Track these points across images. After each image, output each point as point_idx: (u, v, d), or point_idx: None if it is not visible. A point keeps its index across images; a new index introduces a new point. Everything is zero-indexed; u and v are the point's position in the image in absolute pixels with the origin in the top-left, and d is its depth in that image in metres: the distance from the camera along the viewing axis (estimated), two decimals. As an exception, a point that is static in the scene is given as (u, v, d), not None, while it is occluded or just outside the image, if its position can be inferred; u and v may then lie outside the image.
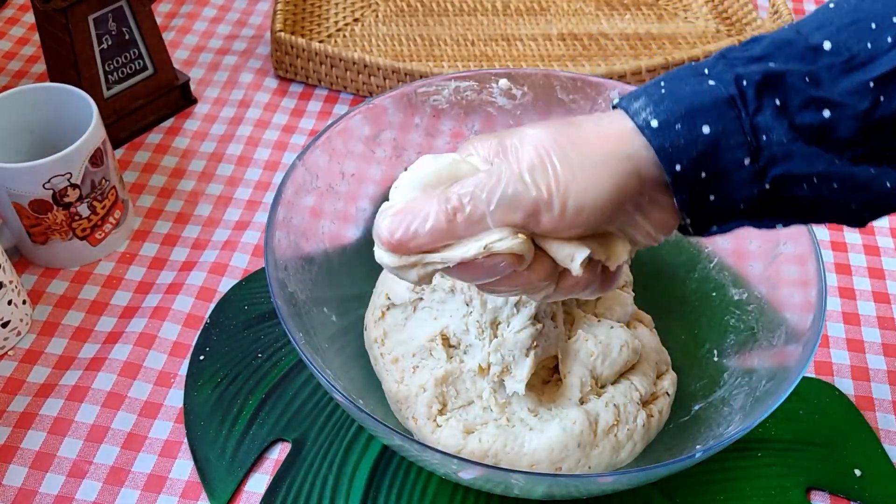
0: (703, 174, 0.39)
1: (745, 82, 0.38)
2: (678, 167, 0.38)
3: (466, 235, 0.41)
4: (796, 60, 0.39)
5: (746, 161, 0.38)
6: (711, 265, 0.62)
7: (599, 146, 0.39)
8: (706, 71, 0.40)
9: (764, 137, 0.38)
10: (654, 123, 0.38)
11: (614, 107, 0.41)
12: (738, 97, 0.38)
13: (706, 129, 0.38)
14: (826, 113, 0.38)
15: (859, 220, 0.41)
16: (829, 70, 0.38)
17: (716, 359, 0.59)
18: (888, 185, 0.39)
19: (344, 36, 0.88)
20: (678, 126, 0.38)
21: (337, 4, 0.91)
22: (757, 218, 0.40)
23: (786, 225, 0.41)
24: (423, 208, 0.41)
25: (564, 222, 0.40)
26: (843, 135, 0.38)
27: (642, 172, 0.39)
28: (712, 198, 0.39)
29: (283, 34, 0.82)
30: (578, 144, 0.40)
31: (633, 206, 0.40)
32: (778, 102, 0.38)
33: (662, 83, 0.40)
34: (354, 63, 0.81)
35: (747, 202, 0.39)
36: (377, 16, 0.90)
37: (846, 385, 0.63)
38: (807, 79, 0.38)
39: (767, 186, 0.39)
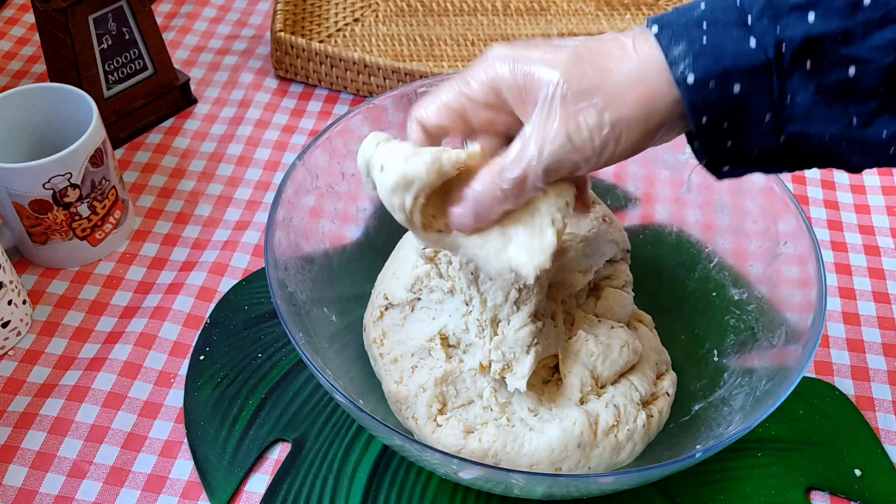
0: (725, 124, 0.41)
1: (784, 47, 0.39)
2: (704, 119, 0.40)
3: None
4: (835, 14, 0.39)
5: (767, 117, 0.40)
6: (711, 265, 0.62)
7: (635, 93, 0.41)
8: (749, 21, 0.40)
9: (789, 99, 0.40)
10: (691, 80, 0.40)
11: (654, 33, 0.41)
12: (775, 62, 0.39)
13: (737, 89, 0.40)
14: (851, 70, 0.39)
15: (856, 170, 0.43)
16: (864, 25, 0.39)
17: (716, 359, 0.59)
18: None
19: (344, 36, 0.88)
20: (712, 84, 0.40)
21: (337, 4, 0.91)
22: (765, 163, 0.42)
23: (790, 171, 0.43)
24: (481, 195, 0.44)
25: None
26: (864, 86, 0.40)
27: (667, 111, 0.41)
28: (729, 144, 0.41)
29: (283, 34, 0.82)
30: (614, 94, 0.41)
31: (653, 143, 0.43)
32: (809, 66, 0.39)
33: (705, 26, 0.40)
34: (354, 63, 0.81)
35: (761, 151, 0.41)
36: (377, 16, 0.90)
37: (846, 385, 0.63)
38: (839, 37, 0.39)
39: (782, 140, 0.41)
